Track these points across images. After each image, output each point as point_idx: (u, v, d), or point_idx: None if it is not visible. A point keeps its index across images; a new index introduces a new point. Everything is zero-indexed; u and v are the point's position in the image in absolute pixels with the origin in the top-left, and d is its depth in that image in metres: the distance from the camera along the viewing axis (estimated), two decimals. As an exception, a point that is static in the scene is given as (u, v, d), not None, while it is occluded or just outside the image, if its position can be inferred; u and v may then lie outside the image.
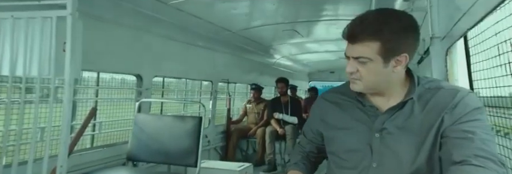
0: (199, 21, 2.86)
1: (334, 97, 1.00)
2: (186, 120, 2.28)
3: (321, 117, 1.01)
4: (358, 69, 0.82)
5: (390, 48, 0.77)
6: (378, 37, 0.76)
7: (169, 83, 3.27)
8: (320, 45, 4.51)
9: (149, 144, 2.31)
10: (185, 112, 3.35)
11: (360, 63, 0.80)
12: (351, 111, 0.93)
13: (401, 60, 0.79)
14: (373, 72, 0.81)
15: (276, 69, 5.84)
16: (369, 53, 0.78)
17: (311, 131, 1.06)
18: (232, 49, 3.95)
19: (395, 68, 0.80)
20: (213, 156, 3.73)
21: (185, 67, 3.14)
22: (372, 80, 0.83)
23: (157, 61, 2.75)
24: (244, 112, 4.37)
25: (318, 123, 1.02)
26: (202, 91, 3.69)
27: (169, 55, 2.90)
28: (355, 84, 0.86)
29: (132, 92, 2.62)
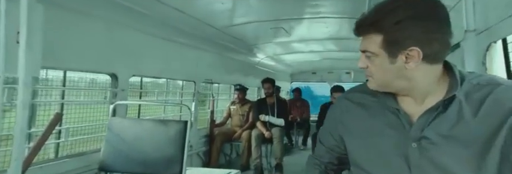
0: (181, 16, 2.62)
1: (358, 97, 0.83)
2: (169, 124, 2.04)
3: (343, 121, 0.84)
4: (368, 65, 0.72)
5: (393, 41, 0.65)
6: (378, 28, 0.66)
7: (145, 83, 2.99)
8: (305, 44, 4.40)
9: (126, 151, 2.04)
10: (166, 115, 3.07)
11: (368, 58, 0.71)
12: (380, 114, 0.77)
13: (413, 55, 0.65)
14: (380, 68, 0.70)
15: (260, 70, 5.68)
16: (372, 47, 0.68)
17: (332, 137, 0.88)
18: (215, 47, 3.73)
19: (407, 64, 0.66)
20: (195, 162, 3.48)
21: (166, 66, 2.87)
22: (382, 78, 0.71)
23: (134, 59, 2.47)
24: (228, 114, 4.15)
25: (340, 128, 0.85)
26: (184, 92, 3.43)
27: (148, 52, 2.63)
28: (369, 81, 0.75)
29: (104, 93, 2.32)
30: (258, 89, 5.81)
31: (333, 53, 5.15)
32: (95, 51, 2.09)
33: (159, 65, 2.78)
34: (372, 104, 0.79)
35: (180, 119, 3.41)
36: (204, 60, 3.56)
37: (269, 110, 3.89)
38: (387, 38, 0.66)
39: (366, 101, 0.81)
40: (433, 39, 0.65)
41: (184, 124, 1.99)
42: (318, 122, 3.45)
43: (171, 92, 3.18)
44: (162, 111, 2.99)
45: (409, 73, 0.68)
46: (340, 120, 0.85)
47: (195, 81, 3.40)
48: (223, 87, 4.56)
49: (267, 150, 3.79)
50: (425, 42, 0.65)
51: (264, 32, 3.54)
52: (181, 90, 3.35)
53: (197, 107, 3.48)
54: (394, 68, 0.68)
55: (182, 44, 3.08)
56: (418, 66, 0.66)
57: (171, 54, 2.95)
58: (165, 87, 2.96)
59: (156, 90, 2.82)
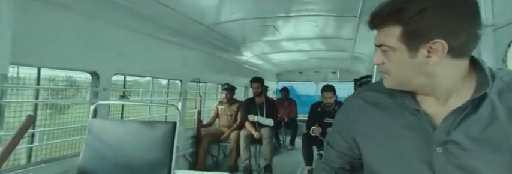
0: (167, 11, 2.48)
1: (373, 96, 0.76)
2: (157, 126, 1.91)
3: (356, 123, 0.77)
4: (384, 61, 0.66)
5: (414, 33, 0.59)
6: (397, 19, 0.60)
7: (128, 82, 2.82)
8: (294, 43, 4.34)
9: (108, 155, 1.90)
10: (151, 116, 2.92)
11: (384, 53, 0.65)
12: (399, 115, 0.70)
13: (436, 48, 0.58)
14: (398, 64, 0.63)
15: (247, 69, 5.58)
16: (389, 41, 0.62)
17: (343, 140, 0.80)
18: (203, 45, 3.59)
19: (429, 58, 0.60)
20: (182, 164, 3.34)
21: (151, 64, 2.72)
22: (400, 75, 0.64)
23: (117, 56, 2.31)
24: (215, 114, 4.03)
25: (353, 130, 0.77)
26: (170, 92, 3.28)
27: (133, 49, 2.47)
28: (385, 79, 0.68)
29: (83, 93, 2.15)
30: (245, 88, 5.71)
31: (320, 53, 5.13)
32: (73, 47, 1.92)
33: (143, 63, 2.63)
34: (388, 104, 0.72)
35: (166, 119, 3.26)
36: (191, 58, 3.43)
37: (258, 110, 3.80)
38: (407, 30, 0.59)
39: (382, 101, 0.74)
40: (460, 30, 0.58)
41: (173, 125, 1.87)
42: (307, 121, 3.39)
43: (157, 92, 3.02)
44: (147, 112, 2.83)
45: (431, 69, 0.61)
46: (354, 121, 0.77)
47: (181, 80, 3.26)
48: (210, 86, 4.43)
49: (256, 150, 3.70)
50: (451, 33, 0.58)
51: (253, 30, 3.45)
52: (167, 89, 3.19)
53: (185, 107, 3.34)
54: (414, 63, 0.61)
55: (168, 41, 2.93)
56: (442, 61, 0.60)
57: (156, 52, 2.80)
58: (150, 87, 2.80)
59: (141, 90, 2.65)
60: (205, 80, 3.92)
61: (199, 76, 3.61)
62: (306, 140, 3.22)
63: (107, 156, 1.90)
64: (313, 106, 3.43)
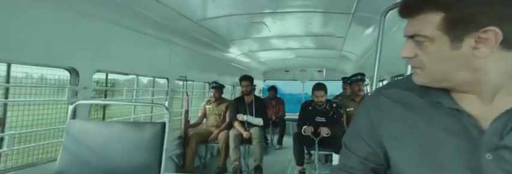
0: (153, 5, 2.33)
1: (399, 94, 0.67)
2: (144, 127, 1.77)
3: (382, 124, 0.68)
4: (417, 54, 0.57)
5: (460, 20, 0.50)
6: (439, 4, 0.52)
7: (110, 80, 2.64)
8: (284, 41, 4.26)
9: (89, 160, 1.75)
10: (136, 116, 2.74)
11: (417, 44, 0.56)
12: (433, 116, 0.61)
13: (487, 37, 0.50)
14: (436, 57, 0.54)
15: (234, 67, 5.47)
16: (427, 30, 0.54)
17: (365, 143, 0.71)
18: (190, 42, 3.45)
19: (476, 50, 0.51)
20: (168, 166, 3.18)
21: (135, 61, 2.55)
22: (438, 69, 0.55)
23: (99, 52, 2.14)
24: (203, 114, 3.89)
25: (378, 133, 0.69)
26: (156, 90, 3.11)
27: (116, 45, 2.30)
28: (416, 74, 0.60)
29: (61, 92, 1.97)
30: (233, 87, 5.59)
31: (308, 51, 5.08)
32: (49, 41, 1.74)
33: (127, 59, 2.46)
34: (418, 103, 0.63)
35: (151, 120, 3.09)
36: (177, 55, 3.27)
37: (247, 109, 3.70)
38: (451, 16, 0.50)
39: (410, 100, 0.65)
40: None
41: (162, 126, 1.73)
42: (299, 120, 3.32)
43: (142, 90, 2.84)
44: (131, 112, 2.65)
45: (477, 62, 0.52)
46: (378, 123, 0.68)
47: (168, 78, 3.11)
48: (196, 85, 4.28)
49: (245, 151, 3.59)
50: (508, 19, 0.49)
51: (243, 26, 3.33)
52: (152, 88, 3.03)
53: (171, 107, 3.18)
54: (456, 56, 0.52)
55: (154, 36, 2.77)
56: (493, 53, 0.51)
57: (141, 48, 2.64)
58: (135, 85, 2.63)
59: (125, 88, 2.48)
60: (193, 78, 3.77)
61: (186, 74, 3.46)
62: (298, 140, 3.15)
63: (88, 161, 1.74)
64: (304, 105, 3.36)
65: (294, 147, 3.20)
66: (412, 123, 0.63)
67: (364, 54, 4.26)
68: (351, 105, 3.30)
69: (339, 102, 3.28)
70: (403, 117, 0.65)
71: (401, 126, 0.65)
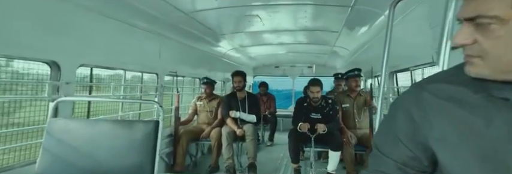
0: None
1: (448, 90, 0.57)
2: (135, 125, 1.63)
3: (427, 124, 0.58)
4: (477, 40, 0.48)
5: None
6: None
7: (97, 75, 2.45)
8: (277, 36, 4.15)
9: (73, 162, 1.60)
10: (123, 114, 2.57)
11: (480, 28, 0.47)
12: (494, 115, 0.52)
13: None
14: (507, 43, 0.46)
15: (225, 62, 5.33)
16: (495, 9, 0.45)
17: (406, 147, 0.61)
18: (181, 35, 3.28)
19: None
20: (158, 166, 3.03)
21: (123, 55, 2.38)
22: (507, 59, 0.46)
23: (83, 45, 1.96)
24: (194, 111, 3.75)
25: (422, 134, 0.59)
26: (144, 86, 2.94)
27: (101, 37, 2.13)
28: (473, 65, 0.50)
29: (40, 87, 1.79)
30: (223, 83, 5.46)
31: (300, 46, 5.00)
32: (28, 32, 1.57)
33: (114, 53, 2.29)
34: (473, 99, 0.54)
35: (139, 117, 2.93)
36: (168, 49, 3.11)
37: (240, 106, 3.58)
38: None
39: (462, 96, 0.55)
40: None
41: (155, 125, 1.60)
42: (294, 117, 3.24)
43: (130, 87, 2.67)
44: (118, 109, 2.48)
45: None
46: (422, 122, 0.59)
47: (157, 74, 2.94)
48: (186, 81, 4.12)
49: (238, 149, 3.49)
50: None
51: (236, 19, 3.20)
52: (141, 83, 2.86)
53: (161, 103, 3.02)
54: None
55: (143, 29, 2.60)
56: None
57: (129, 41, 2.46)
58: (123, 80, 2.46)
59: (112, 84, 2.30)
60: (183, 73, 3.62)
61: (176, 69, 3.30)
62: (294, 137, 3.07)
63: (72, 163, 1.59)
64: (299, 101, 3.28)
65: (290, 144, 3.12)
66: (466, 122, 0.54)
67: (357, 50, 4.22)
68: (346, 101, 3.24)
69: (335, 98, 3.22)
70: (454, 116, 0.55)
71: (452, 125, 0.55)
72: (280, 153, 4.55)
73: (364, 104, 3.17)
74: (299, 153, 3.15)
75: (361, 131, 3.11)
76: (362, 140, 3.01)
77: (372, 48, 3.44)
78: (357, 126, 3.15)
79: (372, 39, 3.23)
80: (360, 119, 3.17)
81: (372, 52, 3.47)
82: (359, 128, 3.15)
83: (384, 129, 0.68)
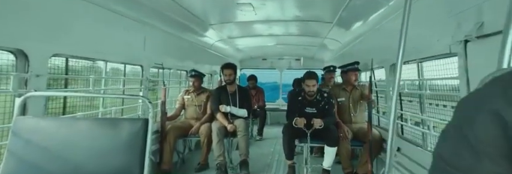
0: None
1: None
2: (120, 124, 1.42)
3: None
4: None
5: None
6: None
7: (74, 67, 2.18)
8: (268, 26, 3.96)
9: (45, 166, 1.39)
10: (105, 110, 2.32)
11: None
12: None
13: None
14: None
15: (212, 54, 5.10)
16: None
17: (491, 159, 0.46)
18: (168, 24, 3.03)
19: None
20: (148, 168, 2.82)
21: (104, 44, 2.13)
22: None
23: (56, 32, 1.70)
24: (181, 105, 3.53)
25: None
26: (128, 79, 2.69)
27: (79, 23, 1.87)
28: None
29: (1, 80, 1.53)
30: (210, 76, 5.24)
31: (290, 38, 4.84)
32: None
33: (94, 42, 2.03)
34: None
35: (122, 114, 2.69)
36: (153, 39, 2.85)
37: (230, 100, 3.40)
38: None
39: None
40: None
41: (143, 123, 1.40)
42: (288, 111, 3.10)
43: (111, 79, 2.41)
44: (101, 105, 2.23)
45: None
46: None
47: (142, 66, 2.70)
48: (172, 73, 3.87)
49: (229, 145, 3.32)
50: None
51: (227, 7, 2.98)
52: (124, 76, 2.60)
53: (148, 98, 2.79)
54: None
55: (126, 16, 2.34)
56: None
57: (111, 29, 2.20)
58: (103, 73, 2.20)
59: (92, 77, 2.04)
60: (169, 65, 3.38)
61: (162, 61, 3.06)
62: (288, 132, 2.93)
63: (43, 168, 1.38)
64: (293, 95, 3.13)
65: (284, 140, 2.99)
66: None
67: (350, 42, 4.11)
68: (342, 94, 3.13)
69: (330, 92, 3.10)
70: None
71: None
72: (271, 148, 4.44)
73: (360, 97, 3.07)
74: (294, 150, 3.02)
75: (357, 126, 3.02)
76: (358, 134, 2.92)
77: (368, 40, 3.32)
78: (353, 121, 3.06)
79: (370, 31, 3.11)
80: (356, 113, 3.08)
81: (368, 44, 3.36)
82: (354, 122, 3.06)
83: (455, 137, 0.52)
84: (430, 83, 2.11)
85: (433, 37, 1.57)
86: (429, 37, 1.63)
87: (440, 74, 1.80)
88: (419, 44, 1.76)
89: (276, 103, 7.50)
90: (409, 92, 2.26)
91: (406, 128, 2.43)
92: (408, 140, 2.27)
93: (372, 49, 3.21)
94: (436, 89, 1.85)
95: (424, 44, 1.70)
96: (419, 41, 1.74)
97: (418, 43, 1.77)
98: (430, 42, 1.61)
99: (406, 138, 2.35)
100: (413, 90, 2.23)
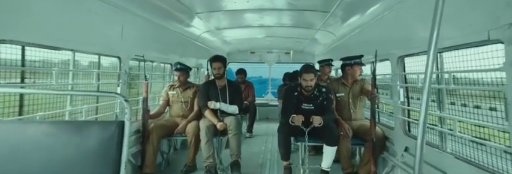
0: None
1: None
2: (88, 128, 1.13)
3: None
4: None
5: None
6: None
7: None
8: (260, 16, 3.68)
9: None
10: (72, 109, 1.98)
11: None
12: None
13: None
14: None
15: (199, 47, 4.77)
16: None
17: None
18: (150, 11, 2.68)
19: None
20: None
21: (72, 30, 1.79)
22: None
23: (7, 12, 1.36)
24: (165, 102, 3.21)
25: None
26: (103, 73, 2.35)
27: (39, 4, 1.52)
28: None
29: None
30: (197, 70, 4.91)
31: (281, 30, 4.58)
32: None
33: (58, 27, 1.68)
34: None
35: (97, 113, 2.35)
36: (133, 28, 2.52)
37: (220, 95, 3.12)
38: None
39: None
40: None
41: (118, 126, 1.11)
42: (283, 108, 2.86)
43: (83, 73, 2.06)
44: (67, 104, 1.89)
45: None
46: None
47: (120, 58, 2.36)
48: (155, 67, 3.54)
49: (219, 144, 3.05)
50: None
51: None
52: (98, 69, 2.26)
53: (126, 94, 2.47)
54: None
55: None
56: None
57: (81, 14, 1.86)
58: (71, 65, 1.86)
59: (55, 69, 1.69)
60: (152, 58, 3.05)
61: (143, 53, 2.72)
62: (284, 131, 2.70)
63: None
64: (288, 89, 2.89)
65: (280, 139, 2.75)
66: None
67: (346, 34, 3.89)
68: (341, 89, 2.91)
69: (329, 87, 2.87)
70: None
71: None
72: (262, 146, 4.21)
73: (361, 92, 2.87)
74: (290, 149, 2.80)
75: (357, 123, 2.82)
76: (358, 132, 2.73)
77: (368, 31, 3.11)
78: (353, 117, 2.85)
79: (371, 21, 2.89)
80: (356, 110, 2.88)
81: (369, 36, 3.15)
82: (354, 119, 2.86)
83: None
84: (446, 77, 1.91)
85: (462, 21, 1.35)
86: (456, 22, 1.41)
87: (459, 66, 1.60)
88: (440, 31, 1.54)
89: (264, 98, 7.29)
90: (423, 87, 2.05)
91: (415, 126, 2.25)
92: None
93: (373, 41, 3.00)
94: (458, 83, 1.64)
95: (448, 30, 1.47)
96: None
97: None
98: (458, 27, 1.39)
99: (416, 136, 2.16)
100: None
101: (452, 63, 1.62)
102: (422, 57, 2.01)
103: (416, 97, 2.30)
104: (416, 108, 2.24)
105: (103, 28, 2.12)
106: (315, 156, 3.31)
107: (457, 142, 1.65)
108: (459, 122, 1.57)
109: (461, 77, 1.63)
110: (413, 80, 2.22)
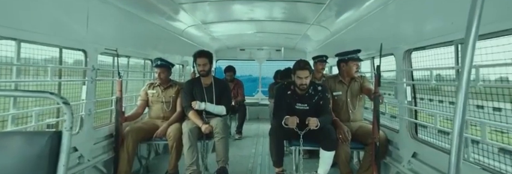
0: None
1: None
2: (13, 140, 0.81)
3: None
4: None
5: None
6: None
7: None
8: (250, 8, 3.38)
9: None
10: (16, 113, 1.63)
11: None
12: None
13: None
14: None
15: (183, 42, 4.43)
16: None
17: None
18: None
19: None
20: None
21: (13, 14, 1.45)
22: None
23: None
24: (144, 102, 2.89)
25: None
26: (65, 68, 2.00)
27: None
28: None
29: None
30: (182, 67, 4.58)
31: (272, 24, 4.29)
32: None
33: (8, 13, 1.35)
34: None
35: (59, 115, 2.01)
36: (102, 17, 2.18)
37: (205, 95, 2.82)
38: None
39: None
40: None
41: (51, 138, 0.80)
42: (275, 108, 2.59)
43: (33, 69, 1.71)
44: (10, 106, 1.54)
45: None
46: None
47: (85, 51, 2.03)
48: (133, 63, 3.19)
49: (204, 148, 2.75)
50: None
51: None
52: (60, 64, 1.91)
53: (93, 94, 2.13)
54: None
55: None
56: None
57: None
58: (16, 59, 1.50)
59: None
60: (128, 53, 2.71)
61: (116, 46, 2.39)
62: (277, 134, 2.42)
63: None
64: (280, 88, 2.61)
65: (272, 143, 2.47)
66: None
67: (342, 29, 3.64)
68: (338, 88, 2.65)
69: (325, 85, 2.61)
70: None
71: None
72: (252, 148, 3.92)
73: (360, 91, 2.62)
74: (283, 155, 2.52)
75: (356, 124, 2.57)
76: (357, 135, 2.47)
77: (368, 24, 2.86)
78: (351, 118, 2.60)
79: (371, 13, 2.63)
80: (354, 110, 2.62)
81: (368, 29, 2.89)
82: (353, 120, 2.60)
83: None
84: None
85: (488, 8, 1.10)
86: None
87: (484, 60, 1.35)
88: (457, 19, 1.29)
89: (255, 97, 7.01)
90: (438, 84, 1.80)
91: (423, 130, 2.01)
92: (430, 144, 1.84)
93: (373, 35, 2.75)
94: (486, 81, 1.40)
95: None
96: (456, 15, 1.26)
97: (454, 18, 1.30)
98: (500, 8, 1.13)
99: (426, 141, 1.92)
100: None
101: (477, 56, 1.37)
102: (430, 51, 1.76)
103: (426, 98, 2.06)
104: (427, 109, 2.00)
105: (60, 14, 1.77)
106: (310, 159, 3.05)
107: (484, 150, 1.41)
108: (489, 127, 1.32)
109: (485, 73, 1.38)
110: (425, 77, 1.97)
